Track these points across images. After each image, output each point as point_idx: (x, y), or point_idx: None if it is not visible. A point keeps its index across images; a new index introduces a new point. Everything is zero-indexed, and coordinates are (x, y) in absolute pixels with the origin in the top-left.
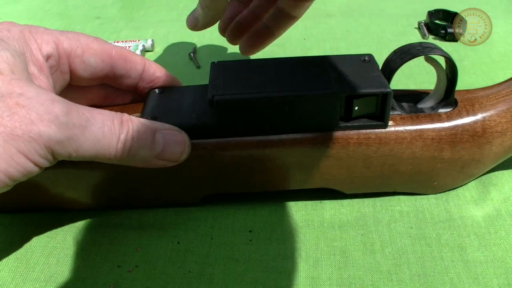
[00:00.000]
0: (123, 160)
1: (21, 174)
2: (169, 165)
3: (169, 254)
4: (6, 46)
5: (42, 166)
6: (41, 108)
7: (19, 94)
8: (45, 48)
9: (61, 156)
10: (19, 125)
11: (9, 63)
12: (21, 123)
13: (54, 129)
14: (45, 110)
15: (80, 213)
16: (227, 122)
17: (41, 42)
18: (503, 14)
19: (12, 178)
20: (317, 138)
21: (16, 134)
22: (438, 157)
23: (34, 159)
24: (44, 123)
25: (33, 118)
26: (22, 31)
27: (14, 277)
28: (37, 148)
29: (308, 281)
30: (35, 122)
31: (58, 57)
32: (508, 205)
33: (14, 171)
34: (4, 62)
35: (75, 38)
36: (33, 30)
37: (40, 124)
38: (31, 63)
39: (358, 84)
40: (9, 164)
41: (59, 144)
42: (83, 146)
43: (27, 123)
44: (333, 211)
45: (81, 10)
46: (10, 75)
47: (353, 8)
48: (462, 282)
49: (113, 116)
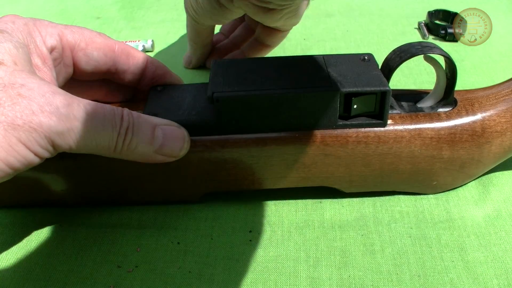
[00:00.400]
0: (122, 154)
1: (21, 164)
2: (168, 160)
3: (169, 254)
4: (9, 38)
5: (42, 156)
6: (42, 99)
7: (21, 85)
8: (49, 40)
9: (61, 148)
10: (20, 115)
11: (11, 55)
12: (22, 113)
13: (54, 120)
14: (46, 101)
15: (80, 213)
16: (227, 119)
17: (45, 34)
18: (503, 14)
19: (12, 167)
20: (316, 136)
21: (16, 123)
22: (437, 156)
23: (34, 149)
24: (45, 114)
25: (34, 109)
26: (26, 24)
27: (14, 277)
28: (38, 139)
29: (308, 281)
30: (36, 113)
31: (62, 49)
32: (508, 205)
33: (14, 160)
34: (7, 53)
35: (79, 32)
36: (37, 23)
37: (41, 115)
38: (35, 55)
39: (357, 82)
40: (9, 153)
41: (60, 135)
42: (83, 138)
43: (28, 114)
44: (333, 211)
45: (81, 10)
46: (12, 66)
47: (353, 8)
48: (462, 282)
49: (114, 110)
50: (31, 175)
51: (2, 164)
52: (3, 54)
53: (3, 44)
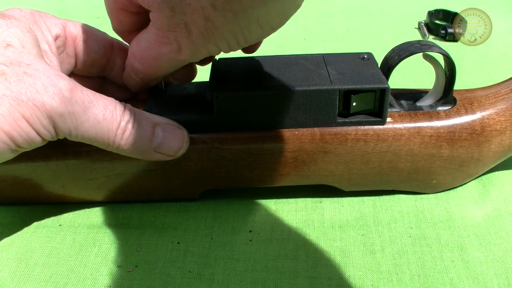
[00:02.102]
0: (120, 148)
1: (23, 140)
2: (166, 159)
3: (169, 254)
4: (17, 23)
5: (44, 137)
6: (47, 80)
7: (27, 65)
8: (53, 29)
9: (61, 131)
10: (25, 91)
11: (19, 38)
12: (26, 90)
13: (57, 101)
14: (50, 82)
15: (80, 214)
16: (227, 116)
17: (50, 24)
18: (503, 14)
19: (14, 141)
20: (316, 133)
21: (21, 99)
22: (437, 154)
23: (36, 127)
24: (48, 94)
25: (39, 88)
26: (32, 13)
27: (14, 277)
28: (40, 117)
29: (308, 281)
30: (39, 92)
31: (65, 38)
32: (508, 205)
33: (17, 135)
34: (14, 37)
35: (80, 25)
36: (42, 14)
37: (45, 95)
38: (42, 40)
39: (356, 80)
40: (12, 127)
41: (61, 117)
42: (84, 125)
43: (32, 92)
44: (333, 211)
45: (81, 10)
46: (20, 48)
47: (353, 8)
48: (462, 282)
49: (115, 102)
50: (32, 171)
51: (6, 137)
52: (11, 38)
53: (11, 29)
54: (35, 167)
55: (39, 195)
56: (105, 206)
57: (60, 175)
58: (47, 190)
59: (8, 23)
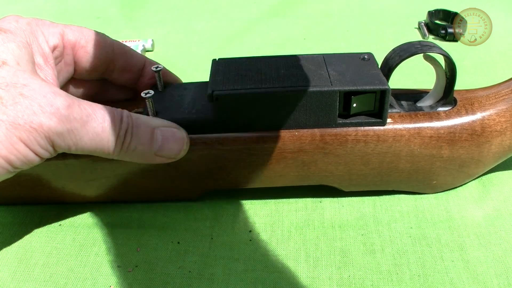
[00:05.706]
0: (121, 156)
1: (21, 162)
2: (167, 161)
3: (169, 254)
4: (13, 38)
5: (42, 156)
6: (43, 100)
7: (23, 85)
8: (51, 39)
9: (61, 148)
10: (22, 114)
11: (14, 55)
12: (23, 113)
13: (55, 121)
14: (47, 102)
15: (80, 213)
16: (227, 117)
17: (47, 34)
18: (503, 14)
19: (12, 165)
20: (316, 134)
21: (18, 123)
22: (437, 155)
23: (34, 148)
24: (45, 114)
25: (35, 109)
26: (29, 23)
27: (14, 277)
28: (38, 138)
29: (308, 281)
30: (36, 113)
31: (63, 48)
32: (508, 205)
33: (14, 158)
34: (10, 53)
35: (78, 30)
36: (39, 23)
37: (42, 116)
38: (37, 54)
39: (357, 81)
40: (9, 151)
41: (59, 136)
42: (83, 140)
43: (29, 114)
44: (333, 211)
45: (81, 10)
46: (15, 66)
47: (353, 8)
48: (462, 282)
49: (113, 112)
50: (33, 173)
51: (3, 162)
52: (7, 54)
53: (7, 44)
54: (35, 168)
55: (39, 195)
56: (105, 206)
57: (60, 175)
58: (47, 190)
59: (4, 38)
